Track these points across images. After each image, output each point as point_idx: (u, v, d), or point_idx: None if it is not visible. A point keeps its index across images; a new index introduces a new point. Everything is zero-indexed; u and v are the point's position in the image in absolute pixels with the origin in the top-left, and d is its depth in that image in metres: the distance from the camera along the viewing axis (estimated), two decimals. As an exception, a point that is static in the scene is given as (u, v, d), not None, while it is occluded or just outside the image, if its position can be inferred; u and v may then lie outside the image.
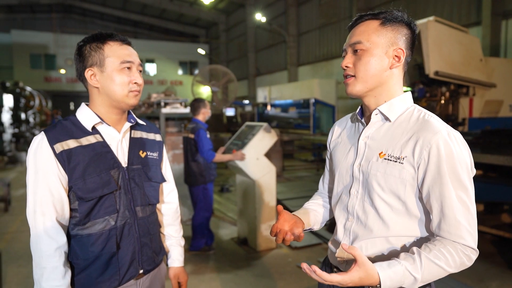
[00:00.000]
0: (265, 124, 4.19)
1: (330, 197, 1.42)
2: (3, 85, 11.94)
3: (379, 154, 1.12)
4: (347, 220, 1.21)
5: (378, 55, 1.10)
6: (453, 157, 1.02)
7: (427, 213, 1.09)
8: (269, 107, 16.18)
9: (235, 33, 25.13)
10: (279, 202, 5.51)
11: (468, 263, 1.03)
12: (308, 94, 13.14)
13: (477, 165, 4.09)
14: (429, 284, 1.13)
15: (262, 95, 16.95)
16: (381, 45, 1.10)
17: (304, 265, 0.98)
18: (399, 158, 1.08)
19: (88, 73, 1.26)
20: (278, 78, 20.29)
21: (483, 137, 5.64)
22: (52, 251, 1.19)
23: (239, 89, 23.52)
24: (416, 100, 5.05)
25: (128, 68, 1.27)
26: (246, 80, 23.63)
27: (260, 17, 18.95)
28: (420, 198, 1.09)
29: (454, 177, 1.02)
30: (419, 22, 4.39)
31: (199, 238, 4.12)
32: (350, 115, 1.32)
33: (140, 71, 1.33)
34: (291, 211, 1.00)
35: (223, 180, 8.38)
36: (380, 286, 0.98)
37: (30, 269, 3.81)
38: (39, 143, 1.21)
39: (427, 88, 4.90)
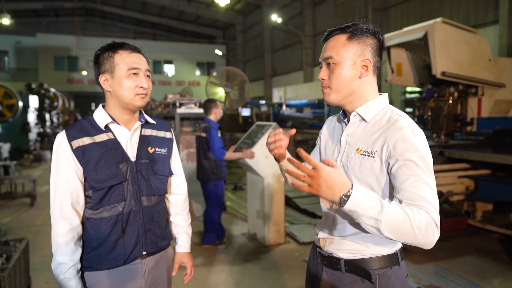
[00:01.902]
0: (274, 124, 4.36)
1: None
2: (29, 87, 12.50)
3: (356, 150, 1.28)
4: (331, 206, 1.37)
5: (347, 67, 1.25)
6: (415, 147, 1.15)
7: (396, 201, 1.23)
8: (284, 107, 16.32)
9: (252, 34, 25.34)
10: (288, 199, 5.65)
11: (431, 236, 1.04)
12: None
13: (487, 165, 4.13)
14: (398, 262, 1.28)
15: (277, 95, 17.07)
16: (349, 58, 1.24)
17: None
18: (371, 153, 1.23)
19: (101, 79, 1.46)
20: (294, 78, 20.37)
21: (494, 136, 5.64)
22: (66, 230, 1.39)
23: (256, 89, 23.73)
24: (424, 100, 5.11)
25: (135, 74, 1.45)
26: (262, 81, 23.79)
27: (276, 17, 19.08)
28: (389, 188, 1.23)
29: (416, 164, 1.13)
30: (426, 23, 4.45)
31: (210, 233, 4.32)
32: (338, 114, 1.48)
33: (148, 76, 1.50)
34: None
35: (236, 179, 8.57)
36: (351, 191, 1.01)
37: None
38: (61, 140, 1.43)
39: (435, 88, 4.95)
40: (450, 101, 4.83)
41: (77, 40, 25.45)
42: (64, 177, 1.40)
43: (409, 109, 13.66)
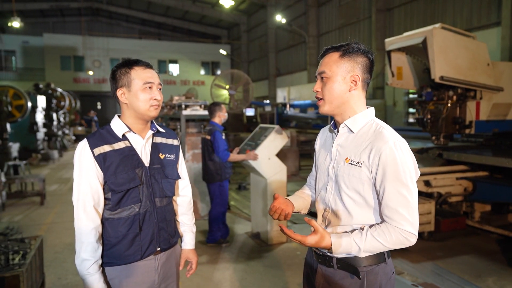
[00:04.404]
0: (276, 126, 4.49)
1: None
2: (37, 87, 12.69)
3: (345, 159, 1.42)
4: (324, 210, 1.51)
5: (338, 81, 1.40)
6: (396, 162, 1.30)
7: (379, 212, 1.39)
8: (288, 107, 16.45)
9: (256, 34, 25.47)
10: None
11: (407, 242, 1.31)
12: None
13: (485, 167, 4.27)
14: (384, 260, 1.41)
15: (281, 95, 17.23)
16: (340, 73, 1.40)
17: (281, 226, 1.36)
18: (358, 163, 1.37)
19: (119, 92, 1.61)
20: (298, 78, 20.48)
21: (493, 139, 5.75)
22: (89, 230, 1.55)
23: (260, 89, 23.85)
24: (424, 103, 5.22)
25: (150, 87, 1.60)
26: (266, 80, 23.93)
27: (280, 18, 19.20)
28: (375, 193, 1.37)
29: (396, 177, 1.30)
30: (425, 29, 4.56)
31: (215, 231, 4.46)
32: (329, 126, 1.62)
33: (160, 88, 1.66)
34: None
35: (240, 179, 8.72)
36: (331, 249, 1.33)
37: (66, 255, 4.27)
38: (83, 147, 1.58)
39: (435, 92, 5.07)
40: (449, 104, 4.94)
41: (83, 40, 25.71)
42: (87, 181, 1.55)
43: (412, 110, 13.74)
